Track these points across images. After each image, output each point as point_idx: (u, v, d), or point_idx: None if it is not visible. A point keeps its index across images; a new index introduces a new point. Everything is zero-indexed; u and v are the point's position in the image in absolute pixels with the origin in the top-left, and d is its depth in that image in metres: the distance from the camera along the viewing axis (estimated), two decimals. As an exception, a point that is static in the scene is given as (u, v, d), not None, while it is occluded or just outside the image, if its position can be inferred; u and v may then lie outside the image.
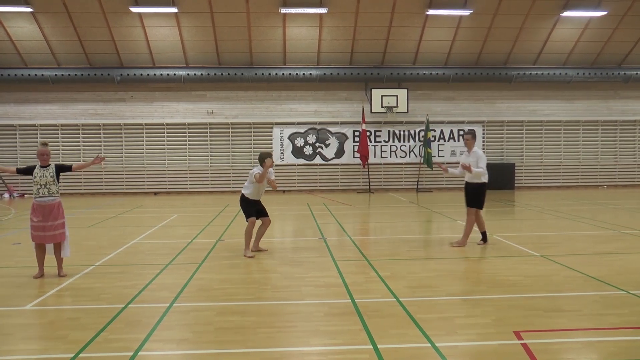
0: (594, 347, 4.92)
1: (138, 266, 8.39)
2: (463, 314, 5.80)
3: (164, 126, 21.85)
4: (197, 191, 22.05)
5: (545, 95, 23.20)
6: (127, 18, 19.43)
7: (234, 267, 8.18)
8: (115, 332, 5.31)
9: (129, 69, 21.06)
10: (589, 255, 8.88)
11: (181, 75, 21.12)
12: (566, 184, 23.22)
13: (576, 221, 12.85)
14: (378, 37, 20.90)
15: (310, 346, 4.93)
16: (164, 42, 20.57)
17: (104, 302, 6.35)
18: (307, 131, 22.22)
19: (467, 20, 20.33)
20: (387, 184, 22.68)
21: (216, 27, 19.93)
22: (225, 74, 21.21)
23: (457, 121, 22.71)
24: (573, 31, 21.30)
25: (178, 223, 13.44)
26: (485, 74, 22.06)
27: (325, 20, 19.96)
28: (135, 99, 21.85)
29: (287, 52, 21.26)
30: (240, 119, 22.11)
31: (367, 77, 21.81)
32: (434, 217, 14.44)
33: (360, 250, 9.47)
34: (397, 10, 19.68)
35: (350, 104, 22.46)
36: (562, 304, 6.15)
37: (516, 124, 23.05)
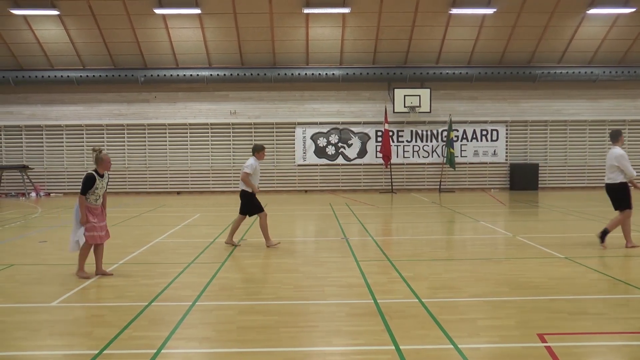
0: (620, 351, 4.84)
1: (161, 265, 8.47)
2: (486, 315, 5.75)
3: (186, 126, 22.03)
4: (219, 191, 22.19)
5: (570, 95, 22.88)
6: (151, 19, 19.64)
7: (255, 267, 8.22)
8: (139, 329, 5.37)
9: (153, 70, 21.28)
10: (614, 257, 8.75)
11: (204, 76, 21.27)
12: (591, 184, 22.85)
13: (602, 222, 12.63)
14: (401, 37, 20.82)
15: (332, 346, 4.93)
16: (187, 43, 20.74)
17: (127, 300, 6.43)
18: (330, 131, 22.22)
19: (490, 19, 20.15)
20: (409, 184, 22.58)
21: (239, 28, 20.03)
22: (248, 74, 21.31)
23: (480, 121, 22.52)
24: (599, 29, 20.97)
25: (200, 222, 13.53)
26: (509, 73, 21.85)
27: (348, 20, 19.94)
28: (159, 99, 22.07)
29: (310, 52, 21.29)
30: (262, 119, 22.19)
31: (389, 77, 21.74)
32: (457, 217, 14.33)
33: (382, 250, 9.45)
34: (420, 10, 19.58)
35: (373, 104, 22.41)
36: (587, 306, 6.07)
37: (540, 124, 22.78)
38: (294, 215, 15.18)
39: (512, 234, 11.23)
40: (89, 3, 18.82)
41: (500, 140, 22.59)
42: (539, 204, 17.60)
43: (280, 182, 22.27)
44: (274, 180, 22.24)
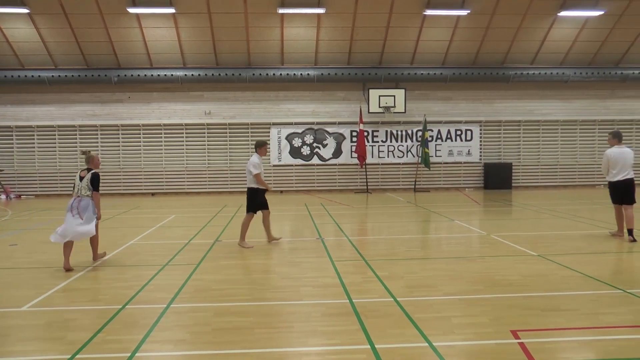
0: (591, 346, 4.92)
1: (135, 267, 8.38)
2: (460, 313, 5.81)
3: (161, 127, 21.84)
4: (194, 192, 22.04)
5: (543, 95, 23.23)
6: (125, 19, 19.43)
7: (231, 268, 8.18)
8: (113, 333, 5.31)
9: (127, 70, 21.05)
10: (586, 254, 8.89)
11: (179, 76, 21.11)
12: (563, 183, 23.25)
13: (574, 220, 12.86)
14: (376, 38, 20.92)
15: (308, 346, 4.93)
16: (162, 43, 20.56)
17: (101, 303, 6.35)
18: (305, 131, 22.22)
19: (464, 20, 20.36)
20: (384, 184, 22.69)
21: (214, 28, 19.93)
22: (223, 74, 21.21)
23: (454, 121, 22.73)
24: (570, 31, 21.33)
25: (175, 224, 13.43)
26: (483, 73, 22.09)
27: (323, 20, 19.97)
28: (133, 99, 21.84)
29: (285, 52, 21.27)
30: (237, 119, 22.10)
31: (364, 78, 21.83)
32: (432, 216, 14.44)
33: (357, 250, 9.47)
34: (395, 11, 19.70)
35: (348, 104, 22.47)
36: (560, 303, 6.16)
37: (513, 124, 23.08)
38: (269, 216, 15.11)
39: (486, 232, 11.35)
40: (60, 1, 18.57)
41: (475, 140, 22.83)
42: (512, 202, 17.81)
43: (256, 183, 22.16)
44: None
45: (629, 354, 4.66)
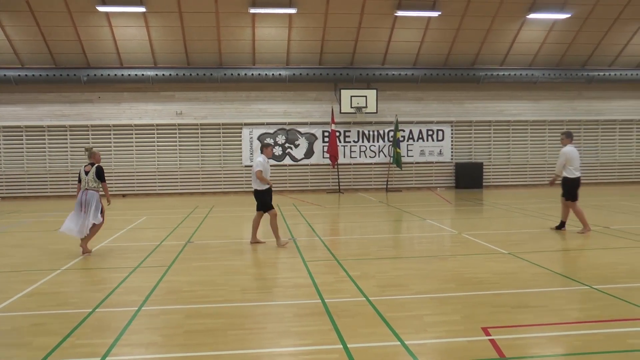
0: (559, 341, 5.01)
1: (106, 270, 8.28)
2: (432, 311, 5.86)
3: (132, 127, 21.58)
4: (166, 193, 21.83)
5: (512, 96, 23.57)
6: (94, 17, 19.13)
7: (203, 269, 8.12)
8: (82, 337, 5.23)
9: (96, 69, 20.73)
10: (554, 252, 9.06)
11: (149, 76, 20.88)
12: (533, 182, 23.62)
13: (543, 219, 13.08)
14: (347, 38, 20.97)
15: (280, 347, 4.93)
16: (132, 42, 20.31)
17: (70, 307, 6.25)
18: (277, 132, 22.18)
19: (435, 21, 20.53)
20: (356, 184, 22.76)
21: (185, 27, 19.77)
22: (194, 74, 21.05)
23: (425, 121, 22.91)
24: (539, 33, 21.68)
25: (147, 225, 13.30)
26: (454, 74, 22.30)
27: (295, 20, 19.95)
28: (103, 99, 21.53)
29: (257, 52, 21.19)
30: (209, 119, 21.96)
31: (336, 78, 21.87)
32: (404, 216, 14.54)
33: (330, 250, 9.49)
34: (367, 12, 19.78)
35: (320, 105, 22.49)
36: (529, 300, 6.26)
37: (484, 124, 23.36)
38: (241, 217, 15.08)
39: (457, 231, 11.48)
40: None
41: (446, 140, 23.05)
42: (483, 201, 18.03)
43: (227, 183, 22.09)
44: (221, 181, 22.04)
45: (594, 348, 4.76)
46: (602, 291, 6.53)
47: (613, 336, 5.07)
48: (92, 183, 9.65)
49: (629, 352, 4.69)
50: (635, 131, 24.39)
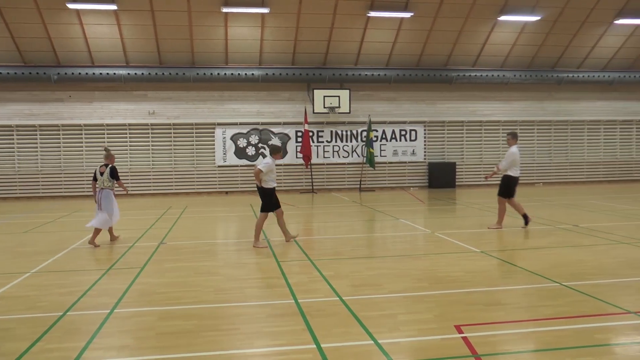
0: (530, 337, 5.10)
1: (77, 272, 8.16)
2: (405, 310, 5.90)
3: (104, 127, 21.29)
4: (138, 193, 21.59)
5: (485, 96, 23.85)
6: (64, 15, 18.82)
7: (176, 270, 8.06)
8: (53, 341, 5.14)
9: (67, 68, 20.39)
10: (525, 249, 9.19)
11: (121, 75, 20.62)
12: (504, 182, 23.87)
13: (514, 217, 13.24)
14: (320, 38, 21.00)
15: (253, 348, 4.91)
16: (103, 40, 20.04)
17: (40, 311, 6.14)
18: (250, 132, 22.10)
19: (408, 22, 20.67)
20: (330, 184, 22.80)
21: (157, 26, 19.58)
22: (167, 73, 20.86)
23: (398, 121, 23.06)
24: (510, 35, 21.98)
25: (119, 226, 13.10)
26: (426, 75, 22.48)
27: (267, 20, 19.91)
28: (74, 98, 21.19)
29: (229, 51, 21.09)
30: (182, 119, 21.78)
31: (309, 78, 21.87)
32: (377, 216, 14.61)
33: (303, 250, 9.49)
34: (339, 12, 19.83)
35: (293, 105, 22.48)
36: (501, 297, 6.35)
37: (456, 124, 23.60)
38: (214, 217, 15.01)
39: (430, 230, 11.58)
40: (-7, -3, 17.88)
41: (419, 140, 23.22)
42: (456, 201, 18.21)
43: (200, 184, 21.94)
44: (194, 181, 21.89)
45: (564, 343, 4.85)
46: (571, 288, 6.65)
47: (582, 332, 5.16)
48: (107, 182, 10.51)
49: (596, 347, 4.79)
50: (603, 131, 24.89)
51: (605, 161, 25.00)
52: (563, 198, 18.15)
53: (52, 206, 18.46)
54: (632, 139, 25.22)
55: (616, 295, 6.38)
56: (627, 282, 6.98)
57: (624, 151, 25.18)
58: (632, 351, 4.74)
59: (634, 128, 25.20)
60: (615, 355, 4.67)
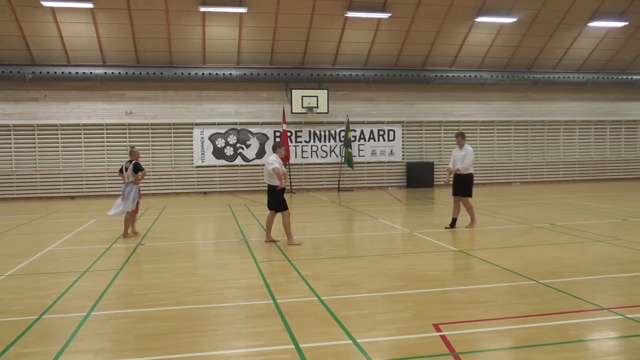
0: (507, 334, 5.16)
1: (53, 274, 8.06)
2: (384, 309, 5.93)
3: (80, 127, 21.02)
4: (116, 194, 21.32)
5: (462, 97, 24.05)
6: (38, 12, 18.54)
7: (154, 272, 8.01)
8: (28, 345, 5.07)
9: (42, 67, 20.07)
10: (503, 248, 9.29)
11: (98, 74, 20.38)
12: (482, 181, 24.14)
13: (492, 217, 13.39)
14: (298, 38, 20.99)
15: (232, 349, 4.90)
16: (80, 39, 19.78)
17: (15, 314, 6.04)
18: (228, 132, 22.01)
19: (386, 23, 20.75)
20: (308, 184, 22.80)
21: (134, 25, 19.39)
22: (144, 73, 20.67)
23: (377, 121, 23.15)
24: (487, 36, 22.19)
25: (97, 228, 13.00)
26: (404, 75, 22.59)
27: (245, 20, 19.85)
28: (49, 98, 20.89)
29: (207, 51, 20.98)
30: (159, 119, 21.61)
31: (287, 78, 21.84)
32: (356, 215, 14.65)
33: (282, 250, 9.49)
34: (317, 12, 19.84)
35: (271, 105, 22.43)
36: (479, 295, 6.41)
37: (434, 124, 23.75)
38: (193, 218, 14.94)
39: (409, 230, 11.65)
40: (-34, -5, 17.55)
41: (397, 140, 23.34)
42: (434, 200, 18.33)
43: (178, 184, 21.80)
44: (172, 182, 21.74)
45: (540, 340, 4.92)
46: (547, 285, 6.74)
47: (557, 328, 5.25)
48: (131, 177, 11.33)
49: (571, 343, 4.88)
50: (578, 131, 25.26)
51: (581, 161, 25.38)
52: (539, 197, 18.38)
53: (27, 207, 18.20)
54: (605, 139, 25.65)
55: (590, 292, 6.49)
56: (600, 279, 7.10)
57: (598, 151, 25.60)
58: (605, 346, 4.83)
59: (608, 128, 25.63)
60: (590, 350, 4.75)
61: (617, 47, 23.82)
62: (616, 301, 6.09)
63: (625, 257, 8.36)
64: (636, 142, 26.03)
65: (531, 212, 14.40)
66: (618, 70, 25.05)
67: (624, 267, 7.77)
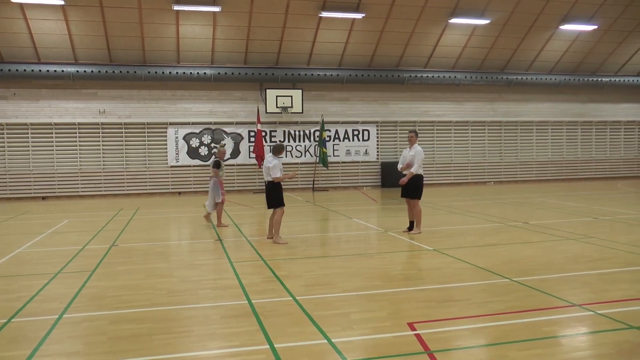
0: (481, 332, 5.20)
1: (23, 277, 7.91)
2: (358, 309, 5.94)
3: (52, 126, 20.69)
4: (89, 195, 21.08)
5: (436, 97, 24.24)
6: (6, 8, 18.15)
7: (128, 273, 7.91)
8: (-3, 348, 4.98)
9: (10, 64, 19.66)
10: (477, 247, 9.38)
11: (70, 72, 20.07)
12: (457, 180, 24.38)
13: (467, 216, 13.51)
14: (272, 38, 20.94)
15: (207, 350, 4.86)
16: (50, 36, 19.45)
17: (-17, 316, 5.93)
18: (202, 131, 21.87)
19: (359, 23, 20.82)
20: (283, 183, 22.52)
21: (106, 22, 19.14)
22: (117, 71, 20.42)
23: (351, 121, 23.21)
24: (460, 37, 22.40)
25: (69, 229, 12.80)
26: (379, 75, 22.69)
27: (219, 19, 19.74)
28: (19, 96, 20.50)
29: (181, 50, 20.82)
30: (133, 118, 21.38)
31: (261, 77, 21.78)
32: (330, 215, 14.67)
33: (257, 250, 9.45)
34: (291, 12, 19.82)
35: (245, 104, 22.35)
36: (453, 294, 6.46)
37: (409, 124, 23.89)
38: (167, 218, 14.80)
39: (383, 229, 11.69)
40: None
41: (372, 139, 23.43)
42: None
43: (152, 184, 21.59)
44: (147, 182, 21.52)
45: (514, 337, 4.97)
46: (521, 283, 6.82)
47: (530, 325, 5.30)
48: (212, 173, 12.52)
49: (544, 339, 4.94)
50: (550, 132, 25.65)
51: (553, 160, 25.77)
52: (513, 196, 18.61)
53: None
54: (577, 140, 26.09)
55: (562, 289, 6.58)
56: (572, 276, 7.21)
57: (570, 151, 26.02)
58: (576, 342, 4.91)
59: (579, 129, 26.07)
60: (562, 346, 4.82)
61: (587, 49, 24.24)
62: (587, 298, 6.19)
63: (596, 255, 8.51)
64: (606, 142, 26.53)
65: (505, 211, 14.56)
66: (588, 73, 25.50)
67: (595, 264, 7.90)
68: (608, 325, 5.29)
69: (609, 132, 26.54)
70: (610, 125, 26.55)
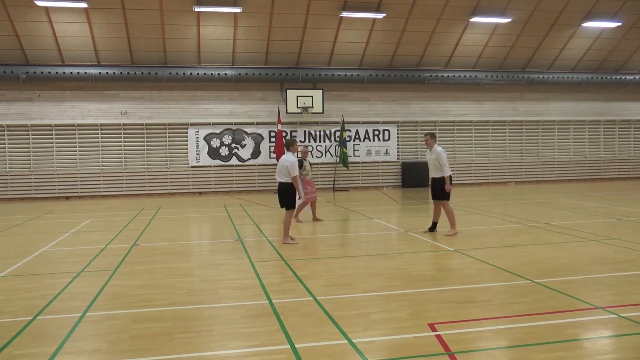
0: (503, 334, 5.16)
1: (48, 275, 8.03)
2: (379, 309, 5.92)
3: (75, 127, 20.96)
4: (111, 195, 21.32)
5: (457, 97, 24.08)
6: (32, 12, 18.46)
7: (149, 272, 7.98)
8: (21, 347, 5.03)
9: (36, 67, 19.99)
10: (498, 248, 9.30)
11: (93, 74, 20.33)
12: (477, 181, 24.20)
13: (487, 216, 13.41)
14: (293, 38, 20.98)
15: (227, 349, 4.88)
16: (74, 39, 19.72)
17: (8, 316, 6.00)
18: (223, 132, 21.98)
19: (380, 23, 20.77)
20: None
21: (128, 24, 19.35)
22: (139, 73, 20.62)
23: (371, 121, 23.16)
24: (481, 36, 22.23)
25: (91, 228, 12.96)
26: (399, 75, 22.61)
27: (240, 19, 19.82)
28: (44, 98, 20.81)
29: (202, 51, 20.95)
30: (154, 119, 21.56)
31: (282, 78, 21.83)
32: (351, 215, 14.65)
33: (277, 250, 9.48)
34: (312, 12, 19.83)
35: (266, 105, 22.41)
36: (474, 295, 6.41)
37: (429, 124, 23.78)
38: (188, 218, 14.90)
39: (404, 229, 11.65)
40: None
41: (392, 139, 23.35)
42: (429, 200, 18.31)
43: (173, 184, 21.75)
44: (167, 182, 21.69)
45: (536, 339, 4.92)
46: (542, 285, 6.75)
47: (553, 327, 5.25)
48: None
49: (566, 342, 4.88)
50: (572, 131, 25.34)
51: (575, 160, 25.45)
52: (535, 197, 18.42)
53: (21, 208, 18.13)
54: (599, 139, 25.73)
55: (585, 291, 6.50)
56: (595, 279, 7.11)
57: (593, 151, 25.68)
58: (599, 345, 4.84)
59: (602, 128, 25.71)
60: (585, 349, 4.76)
61: (610, 47, 23.90)
62: (610, 300, 6.11)
63: (620, 257, 8.39)
64: (629, 142, 26.13)
65: (526, 211, 14.42)
66: (611, 71, 25.15)
67: (618, 266, 7.79)
68: (632, 328, 5.21)
69: (632, 131, 26.13)
70: (634, 124, 26.13)
